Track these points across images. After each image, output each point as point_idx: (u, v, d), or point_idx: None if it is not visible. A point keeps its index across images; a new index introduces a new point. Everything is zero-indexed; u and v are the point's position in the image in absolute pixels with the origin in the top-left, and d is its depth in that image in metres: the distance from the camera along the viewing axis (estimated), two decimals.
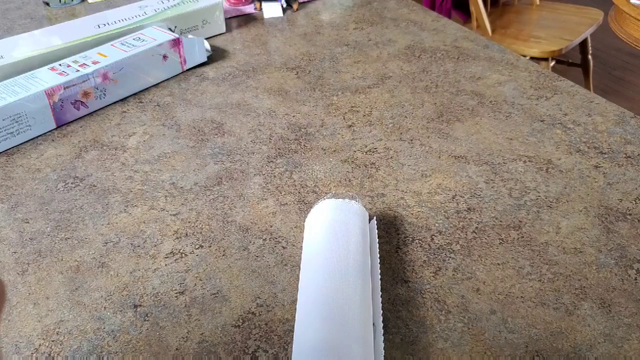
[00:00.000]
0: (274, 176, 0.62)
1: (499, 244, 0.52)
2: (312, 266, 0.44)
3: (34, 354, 0.44)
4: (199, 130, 0.70)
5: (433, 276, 0.49)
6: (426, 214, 0.56)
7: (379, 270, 0.48)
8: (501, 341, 0.44)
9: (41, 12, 1.03)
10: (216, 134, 0.69)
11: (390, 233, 0.54)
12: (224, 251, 0.53)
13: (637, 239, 0.52)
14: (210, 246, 0.53)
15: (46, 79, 0.71)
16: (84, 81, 0.72)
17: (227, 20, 0.95)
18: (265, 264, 0.51)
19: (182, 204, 0.59)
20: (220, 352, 0.44)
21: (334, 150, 0.65)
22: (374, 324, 0.42)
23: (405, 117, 0.70)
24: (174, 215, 0.57)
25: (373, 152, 0.65)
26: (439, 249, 0.52)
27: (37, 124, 0.69)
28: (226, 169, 0.63)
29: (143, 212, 0.58)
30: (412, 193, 0.58)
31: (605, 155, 0.62)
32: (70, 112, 0.72)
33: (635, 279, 0.48)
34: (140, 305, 0.48)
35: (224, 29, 0.94)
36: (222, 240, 0.54)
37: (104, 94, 0.74)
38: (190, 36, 0.87)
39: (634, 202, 0.56)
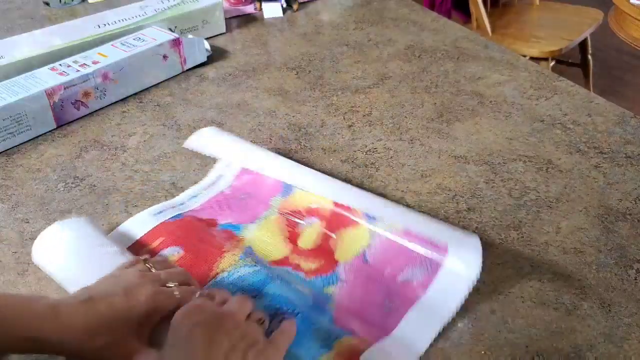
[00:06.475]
0: None
1: (499, 244, 0.52)
2: None
3: (35, 354, 0.44)
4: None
5: None
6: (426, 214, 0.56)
7: None
8: (501, 341, 0.44)
9: (41, 12, 1.03)
10: None
11: None
12: None
13: (637, 239, 0.52)
14: None
15: (46, 79, 0.70)
16: (84, 81, 0.72)
17: (227, 20, 0.95)
18: None
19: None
20: None
21: (334, 150, 0.65)
22: None
23: (405, 117, 0.70)
24: None
25: (373, 152, 0.65)
26: None
27: (37, 124, 0.69)
28: None
29: None
30: (412, 193, 0.58)
31: (605, 155, 0.62)
32: (70, 112, 0.72)
33: (635, 279, 0.48)
34: None
35: (224, 29, 0.94)
36: None
37: (104, 94, 0.74)
38: (190, 36, 0.87)
39: (634, 202, 0.56)
